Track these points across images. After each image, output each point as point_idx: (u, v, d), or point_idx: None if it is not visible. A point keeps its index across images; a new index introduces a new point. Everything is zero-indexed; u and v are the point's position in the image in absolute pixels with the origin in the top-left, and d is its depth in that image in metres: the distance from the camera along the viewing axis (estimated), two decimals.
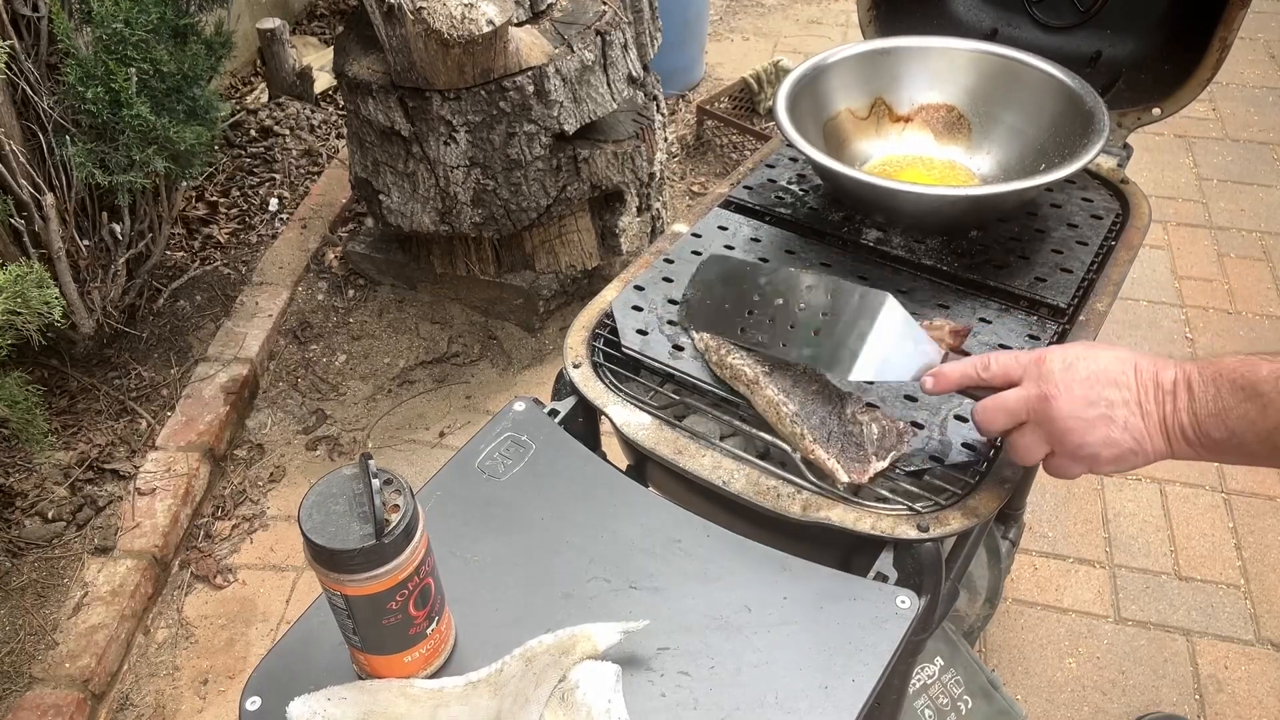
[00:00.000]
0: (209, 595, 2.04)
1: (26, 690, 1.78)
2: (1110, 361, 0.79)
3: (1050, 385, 0.79)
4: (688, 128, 3.39)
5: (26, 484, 2.15)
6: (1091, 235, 1.22)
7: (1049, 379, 0.80)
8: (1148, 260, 2.84)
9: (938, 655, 1.50)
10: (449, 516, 0.92)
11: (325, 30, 3.94)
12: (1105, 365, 0.79)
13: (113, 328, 2.41)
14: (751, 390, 0.97)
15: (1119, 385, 0.78)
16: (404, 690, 0.77)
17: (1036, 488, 2.17)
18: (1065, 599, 1.99)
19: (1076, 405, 0.78)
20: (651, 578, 0.86)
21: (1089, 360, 0.79)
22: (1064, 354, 0.80)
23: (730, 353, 1.00)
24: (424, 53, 2.07)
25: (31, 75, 2.05)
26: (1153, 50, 1.36)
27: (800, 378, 0.98)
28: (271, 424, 2.41)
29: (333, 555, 0.69)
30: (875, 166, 1.35)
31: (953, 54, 1.33)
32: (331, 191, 3.04)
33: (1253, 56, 3.82)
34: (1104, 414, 0.78)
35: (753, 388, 0.97)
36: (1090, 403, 0.78)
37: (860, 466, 0.91)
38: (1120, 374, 0.78)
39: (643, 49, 2.53)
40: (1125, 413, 0.77)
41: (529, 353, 2.58)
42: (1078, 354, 0.80)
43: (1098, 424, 0.78)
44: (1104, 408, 0.78)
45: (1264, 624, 1.93)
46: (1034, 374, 0.81)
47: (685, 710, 0.76)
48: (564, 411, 1.04)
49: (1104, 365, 0.79)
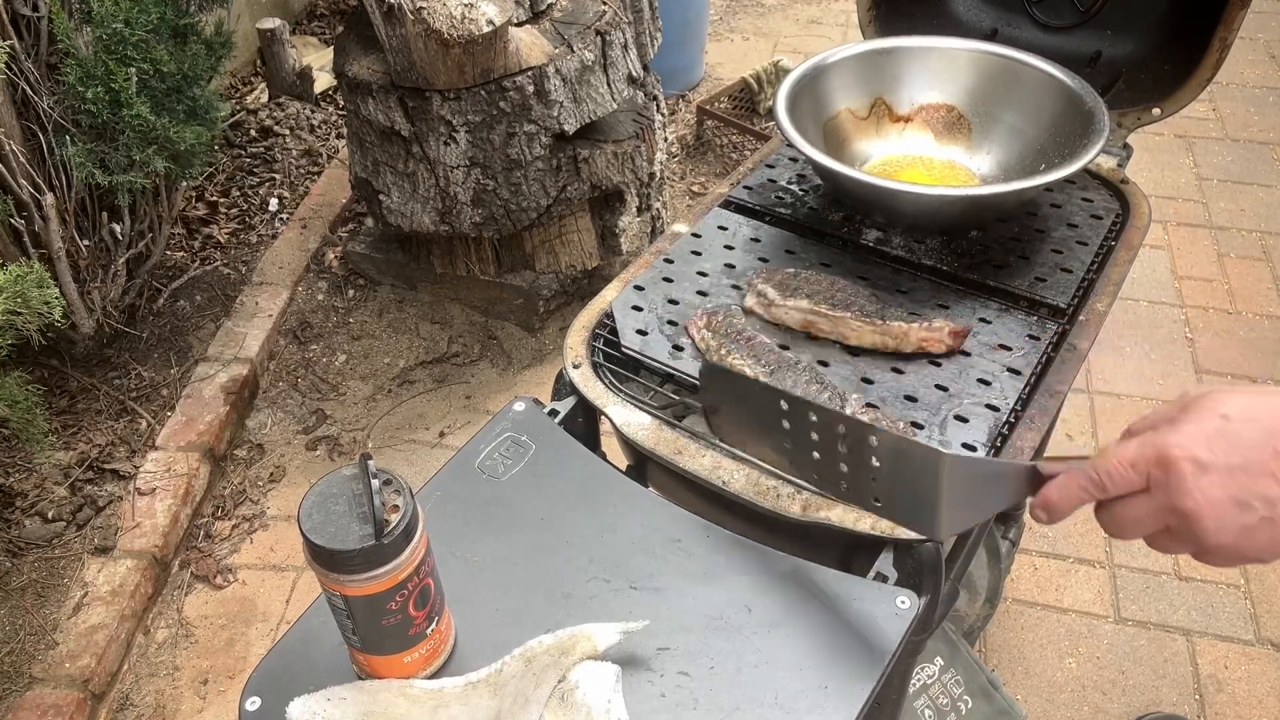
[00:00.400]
0: (209, 595, 2.04)
1: (26, 690, 1.78)
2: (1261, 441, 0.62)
3: (1187, 500, 0.63)
4: (688, 128, 3.39)
5: (26, 484, 2.15)
6: (1091, 235, 1.22)
7: (1182, 490, 0.63)
8: (1148, 260, 2.84)
9: (938, 655, 1.50)
10: (449, 516, 0.92)
11: (325, 30, 3.94)
12: (1252, 451, 0.62)
13: (113, 328, 2.41)
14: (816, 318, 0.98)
15: (1277, 476, 0.61)
16: (404, 690, 0.77)
17: None
18: (1065, 599, 1.99)
19: (1226, 517, 0.63)
20: (651, 578, 0.86)
21: (1229, 448, 0.63)
22: (1193, 449, 0.63)
23: (730, 353, 1.00)
24: (424, 53, 2.07)
25: (31, 75, 2.05)
26: (1153, 50, 1.36)
27: (801, 377, 0.98)
28: (271, 424, 2.41)
29: (332, 555, 0.69)
30: (875, 166, 1.35)
31: (953, 54, 1.33)
32: (331, 191, 3.04)
33: (1253, 56, 3.82)
34: (1265, 517, 0.62)
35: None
36: (1242, 506, 0.62)
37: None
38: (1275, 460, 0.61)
39: (643, 49, 2.53)
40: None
41: (529, 353, 2.58)
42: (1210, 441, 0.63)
43: (1258, 530, 0.62)
44: (1262, 509, 0.62)
45: (1264, 624, 1.93)
46: (1161, 482, 0.65)
47: (685, 710, 0.76)
48: (564, 411, 1.04)
49: (1251, 451, 0.62)
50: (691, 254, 1.21)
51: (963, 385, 1.00)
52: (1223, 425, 0.63)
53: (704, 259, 1.20)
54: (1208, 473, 0.62)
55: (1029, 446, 0.95)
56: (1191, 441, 0.63)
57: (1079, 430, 2.34)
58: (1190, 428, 0.64)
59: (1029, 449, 0.95)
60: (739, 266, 1.19)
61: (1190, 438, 0.64)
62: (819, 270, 1.16)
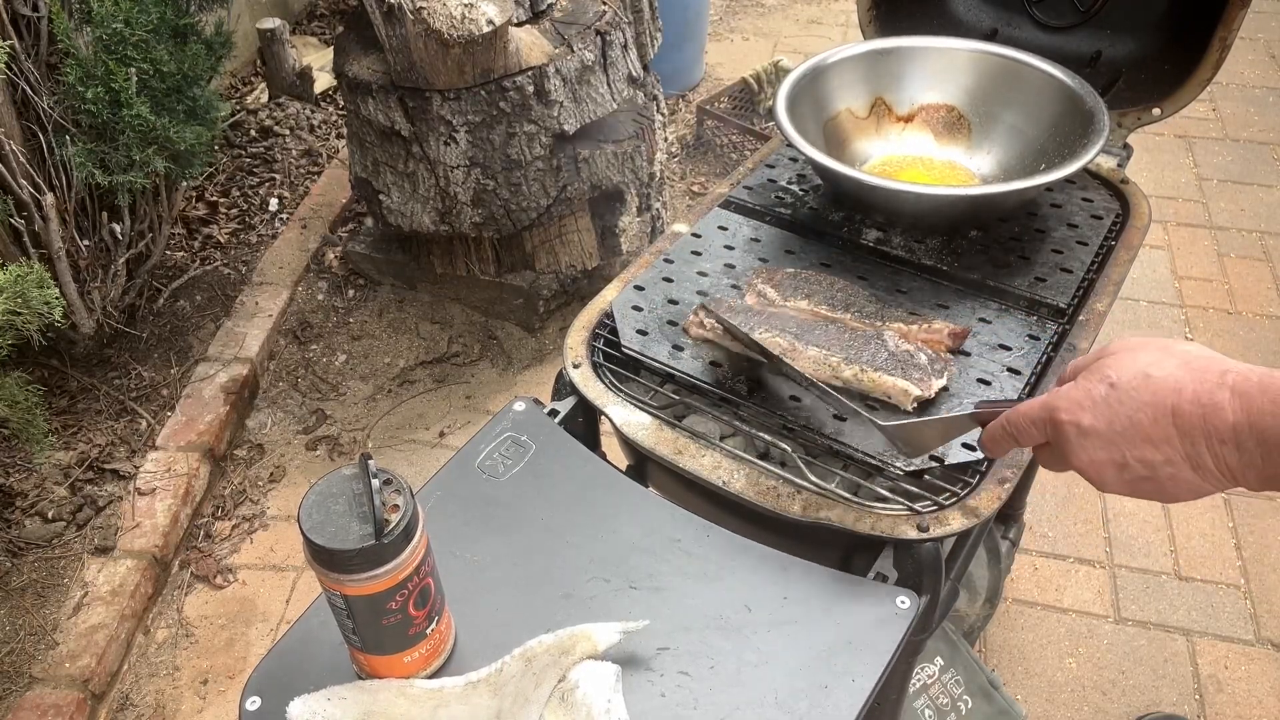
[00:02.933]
0: (209, 595, 2.04)
1: (26, 690, 1.78)
2: (1137, 411, 0.66)
3: (1073, 459, 0.70)
4: (688, 128, 3.39)
5: (26, 484, 2.15)
6: (1091, 235, 1.22)
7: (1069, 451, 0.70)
8: (1148, 260, 2.84)
9: (938, 655, 1.50)
10: (449, 516, 0.92)
11: (325, 30, 3.94)
12: (1132, 418, 0.66)
13: (113, 328, 2.41)
14: (792, 356, 1.00)
15: (1155, 442, 0.65)
16: (404, 690, 0.77)
17: (1036, 487, 2.17)
18: (1065, 599, 1.99)
19: (1107, 474, 0.68)
20: (651, 578, 0.86)
21: (1111, 415, 0.67)
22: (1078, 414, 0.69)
23: (755, 329, 1.02)
24: (424, 53, 2.07)
25: (31, 75, 2.05)
26: (1153, 50, 1.36)
27: (829, 330, 1.01)
28: (271, 424, 2.41)
29: (332, 555, 0.69)
30: (875, 166, 1.35)
31: (953, 54, 1.33)
32: (331, 191, 3.04)
33: (1253, 56, 3.82)
34: (1143, 476, 0.67)
35: (792, 354, 1.00)
36: (1122, 467, 0.67)
37: (926, 382, 0.96)
38: (1155, 427, 0.65)
39: (643, 49, 2.53)
40: (1171, 470, 0.66)
41: (529, 353, 2.58)
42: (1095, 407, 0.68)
43: (1141, 484, 0.68)
44: (1142, 470, 0.67)
45: (1264, 624, 1.93)
46: (1055, 439, 0.72)
47: (685, 710, 0.76)
48: (564, 411, 1.04)
49: (1131, 418, 0.66)
50: (691, 254, 1.21)
51: (963, 385, 1.00)
52: (1108, 393, 0.67)
53: (704, 259, 1.20)
54: (1089, 437, 0.68)
55: None
56: (1078, 406, 0.69)
57: None
58: (1079, 393, 0.69)
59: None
60: (739, 266, 1.19)
61: (1076, 402, 0.69)
62: (819, 270, 1.16)
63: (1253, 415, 0.61)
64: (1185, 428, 0.64)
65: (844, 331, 1.02)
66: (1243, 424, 0.61)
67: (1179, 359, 0.66)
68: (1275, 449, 0.60)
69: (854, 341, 1.00)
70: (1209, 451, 0.64)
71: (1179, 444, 0.65)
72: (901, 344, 1.00)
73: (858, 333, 1.02)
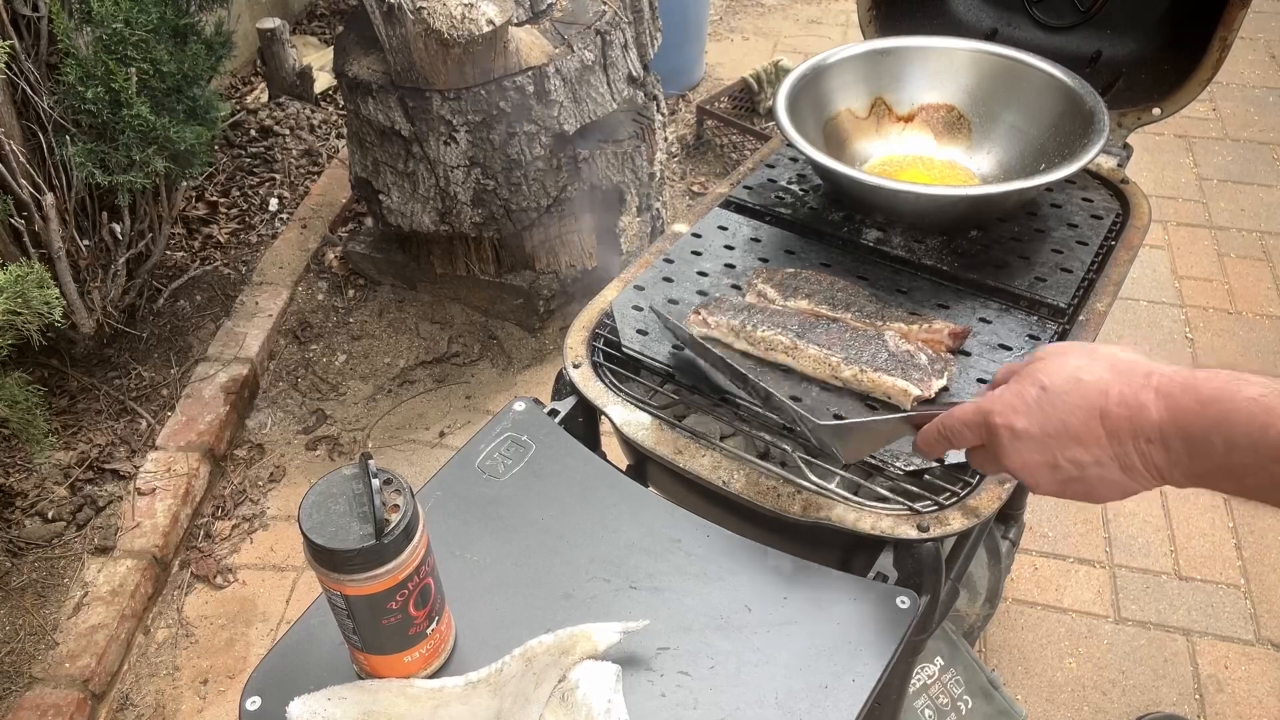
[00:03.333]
0: (209, 595, 2.04)
1: (26, 690, 1.78)
2: (1068, 413, 0.67)
3: (1006, 461, 0.72)
4: (688, 128, 3.39)
5: (26, 484, 2.15)
6: (1091, 235, 1.22)
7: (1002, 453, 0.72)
8: (1148, 260, 2.84)
9: (938, 655, 1.50)
10: (449, 516, 0.92)
11: (325, 30, 3.94)
12: (1064, 420, 0.67)
13: (113, 328, 2.41)
14: (793, 354, 1.01)
15: (1084, 443, 0.67)
16: (404, 690, 0.77)
17: None
18: (1065, 599, 1.99)
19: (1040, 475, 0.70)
20: (651, 578, 0.86)
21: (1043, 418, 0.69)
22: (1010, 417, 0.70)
23: (758, 327, 1.03)
24: (424, 53, 2.07)
25: (31, 75, 2.05)
26: (1153, 50, 1.36)
27: (830, 329, 1.02)
28: (271, 424, 2.41)
29: (333, 555, 0.69)
30: (875, 166, 1.35)
31: (953, 54, 1.33)
32: (331, 191, 3.04)
33: (1253, 56, 3.82)
34: (1073, 476, 0.69)
35: (793, 352, 1.01)
36: (1054, 468, 0.69)
37: (926, 382, 0.96)
38: (1084, 428, 0.67)
39: (643, 49, 2.52)
40: (1099, 470, 0.67)
41: (529, 353, 2.58)
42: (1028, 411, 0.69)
43: (1072, 484, 0.69)
44: (1072, 470, 0.68)
45: (1264, 624, 1.93)
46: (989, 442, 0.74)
47: (685, 710, 0.76)
48: (564, 411, 1.04)
49: (1062, 420, 0.68)
50: (691, 254, 1.21)
51: (963, 385, 1.00)
52: (1040, 396, 0.69)
53: (704, 259, 1.20)
54: (1022, 439, 0.70)
55: None
56: (1010, 410, 0.70)
57: None
58: (1011, 396, 0.71)
59: None
60: (739, 266, 1.19)
61: (1010, 406, 0.71)
62: (819, 270, 1.16)
63: (1177, 414, 0.63)
64: (1113, 429, 0.66)
65: (844, 331, 1.02)
66: (1168, 423, 0.63)
67: (1106, 362, 0.68)
68: (1200, 446, 0.62)
69: (854, 341, 1.00)
70: (1136, 451, 0.65)
71: (1107, 445, 0.66)
72: (902, 344, 1.00)
73: (858, 332, 1.02)
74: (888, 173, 1.32)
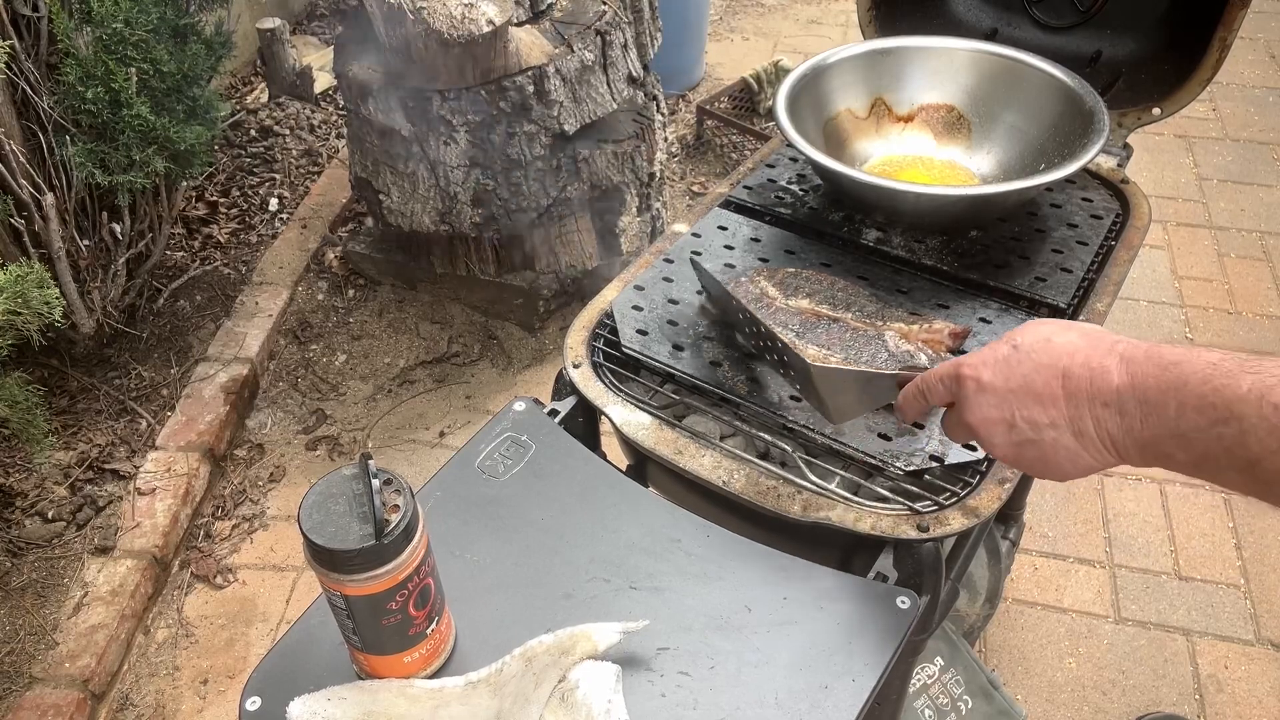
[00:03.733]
0: (209, 595, 2.04)
1: (26, 690, 1.78)
2: (1032, 371, 0.68)
3: (968, 414, 0.73)
4: (688, 128, 3.39)
5: (26, 484, 2.15)
6: (1091, 235, 1.22)
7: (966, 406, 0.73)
8: (1148, 260, 2.84)
9: (938, 655, 1.50)
10: (449, 516, 0.92)
11: (325, 30, 3.94)
12: (1027, 377, 0.69)
13: (113, 328, 2.41)
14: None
15: (1043, 403, 0.68)
16: (404, 690, 0.77)
17: (1036, 488, 2.17)
18: (1065, 599, 1.99)
19: (996, 433, 0.71)
20: (651, 578, 0.86)
21: (1008, 374, 0.70)
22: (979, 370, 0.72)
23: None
24: (424, 53, 2.07)
25: (31, 75, 2.05)
26: (1153, 50, 1.36)
27: (831, 329, 1.01)
28: (271, 424, 2.41)
29: (332, 555, 0.69)
30: (875, 166, 1.35)
31: (953, 54, 1.33)
32: (331, 191, 3.03)
33: (1253, 56, 3.82)
34: (1028, 438, 0.69)
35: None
36: (1010, 426, 0.70)
37: None
38: (1045, 388, 0.68)
39: (643, 49, 2.52)
40: (1054, 434, 0.68)
41: (529, 353, 2.58)
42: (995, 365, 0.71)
43: (1026, 448, 0.70)
44: (1028, 431, 0.69)
45: (1264, 624, 1.93)
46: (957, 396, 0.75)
47: (685, 710, 0.76)
48: (564, 411, 1.04)
49: (1025, 377, 0.69)
50: (691, 254, 1.21)
51: None
52: (1010, 353, 0.71)
53: (704, 259, 1.20)
54: (985, 393, 0.71)
55: None
56: (981, 363, 0.72)
57: None
58: (984, 351, 0.73)
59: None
60: (739, 266, 1.19)
61: (980, 360, 0.72)
62: (819, 270, 1.16)
63: (1136, 378, 0.63)
64: (1072, 390, 0.67)
65: (845, 331, 1.02)
66: (1125, 386, 0.64)
67: (1080, 331, 0.69)
68: (1155, 409, 0.62)
69: (855, 341, 1.00)
70: (1091, 416, 0.66)
71: (1064, 406, 0.67)
72: (902, 344, 1.00)
73: (859, 332, 1.02)
74: (888, 173, 1.32)
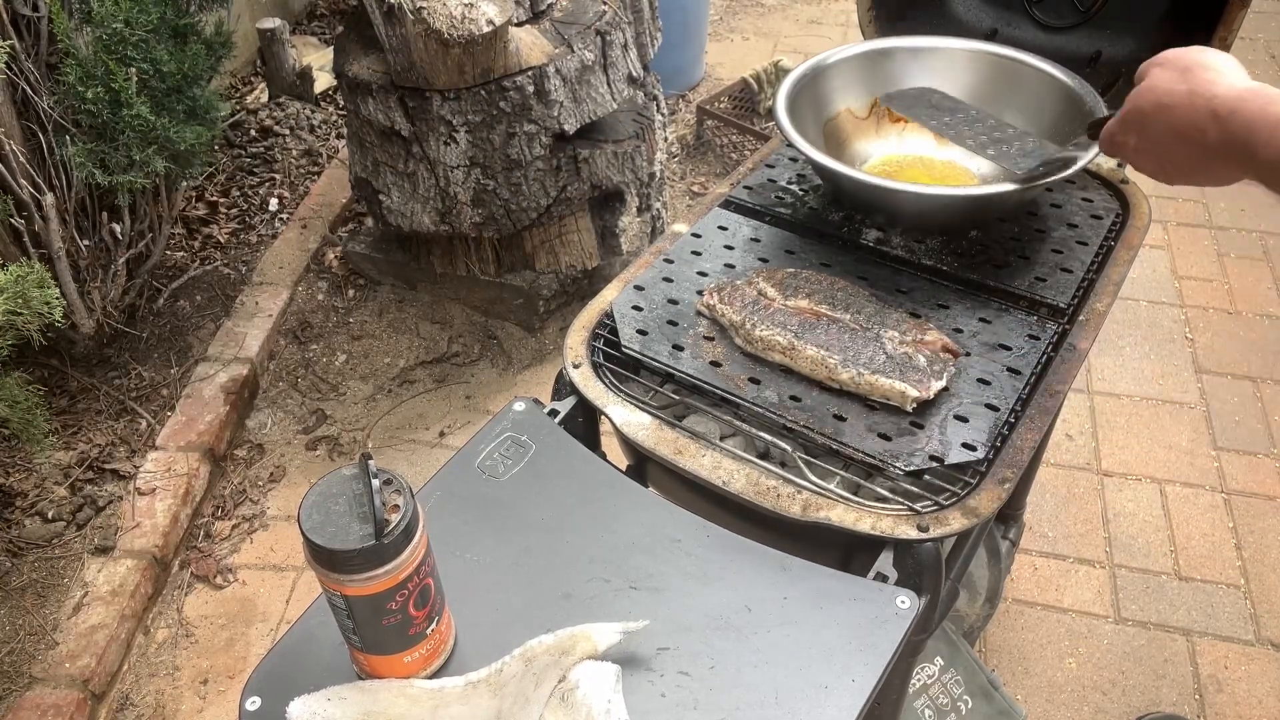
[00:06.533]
0: (209, 595, 2.04)
1: (26, 690, 1.78)
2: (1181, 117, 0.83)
3: (1132, 156, 0.92)
4: (688, 128, 3.39)
5: (26, 484, 2.15)
6: (1091, 235, 1.22)
7: (1127, 151, 0.92)
8: (1148, 260, 2.84)
9: (938, 655, 1.50)
10: (449, 516, 0.92)
11: (325, 30, 3.94)
12: (1174, 122, 0.84)
13: (113, 328, 2.41)
14: (790, 355, 1.01)
15: (1187, 140, 0.83)
16: (404, 690, 0.77)
17: (1036, 488, 2.17)
18: (1065, 599, 1.99)
19: (1151, 167, 0.89)
20: (651, 578, 0.86)
21: (1159, 120, 0.85)
22: (1141, 118, 0.88)
23: (756, 326, 1.03)
24: (424, 53, 2.07)
25: (31, 75, 2.05)
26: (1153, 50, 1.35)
27: (830, 330, 1.01)
28: (271, 424, 2.41)
29: (332, 555, 0.69)
30: (875, 166, 1.35)
31: (953, 54, 1.33)
32: (331, 191, 3.04)
33: (1253, 56, 3.82)
34: (1179, 171, 0.86)
35: (790, 353, 1.01)
36: (1161, 168, 0.88)
37: (924, 384, 0.96)
38: (1190, 126, 0.82)
39: (643, 49, 2.52)
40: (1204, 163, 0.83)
41: (529, 353, 2.58)
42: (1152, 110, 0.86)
43: (1175, 177, 0.87)
44: (1174, 165, 0.86)
45: (1264, 624, 1.93)
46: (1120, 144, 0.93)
47: (685, 710, 0.76)
48: (564, 411, 1.04)
49: (1174, 121, 0.84)
50: (691, 254, 1.21)
51: (963, 384, 1.01)
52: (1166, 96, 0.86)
53: (704, 259, 1.20)
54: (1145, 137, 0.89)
55: (1029, 446, 0.95)
56: (1139, 108, 0.90)
57: (1079, 430, 2.34)
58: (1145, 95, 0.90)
59: (1029, 448, 0.95)
60: (739, 266, 1.19)
61: (1140, 100, 0.90)
62: (819, 270, 1.16)
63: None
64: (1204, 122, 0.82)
65: (844, 332, 1.02)
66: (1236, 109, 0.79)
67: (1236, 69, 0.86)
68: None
69: (853, 343, 1.00)
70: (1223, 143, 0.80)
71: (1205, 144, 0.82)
72: (899, 346, 1.00)
73: (857, 333, 1.02)
74: (888, 173, 1.32)
